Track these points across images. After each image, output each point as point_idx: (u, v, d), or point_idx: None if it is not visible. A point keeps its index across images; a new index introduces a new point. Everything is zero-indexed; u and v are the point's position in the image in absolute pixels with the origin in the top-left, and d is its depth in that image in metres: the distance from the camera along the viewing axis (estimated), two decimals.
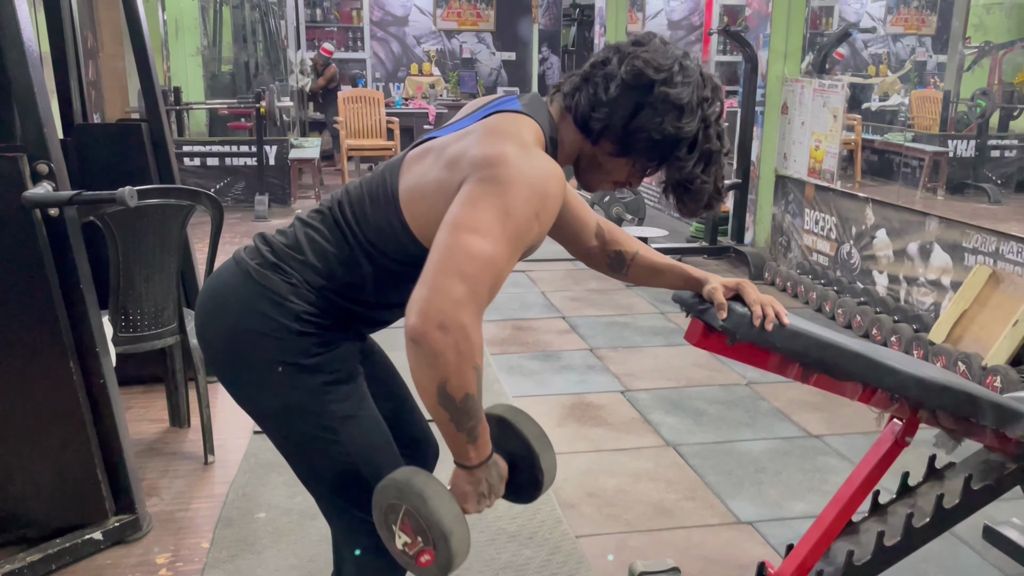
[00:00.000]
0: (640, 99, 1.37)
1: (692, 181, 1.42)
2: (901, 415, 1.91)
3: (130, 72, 7.59)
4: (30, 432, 2.29)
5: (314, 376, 1.43)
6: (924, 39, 10.47)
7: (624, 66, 1.38)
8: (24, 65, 2.15)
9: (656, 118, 1.37)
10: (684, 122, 1.37)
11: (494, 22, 10.99)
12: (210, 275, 1.54)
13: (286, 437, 1.51)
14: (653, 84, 1.36)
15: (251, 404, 1.51)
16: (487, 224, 1.25)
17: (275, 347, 1.41)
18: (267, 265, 1.44)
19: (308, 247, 1.45)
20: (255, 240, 1.52)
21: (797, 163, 5.29)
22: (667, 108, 1.36)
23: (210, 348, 1.50)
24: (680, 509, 2.65)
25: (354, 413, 1.47)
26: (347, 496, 1.50)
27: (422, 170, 1.41)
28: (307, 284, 1.43)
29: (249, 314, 1.42)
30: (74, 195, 2.04)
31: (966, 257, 3.91)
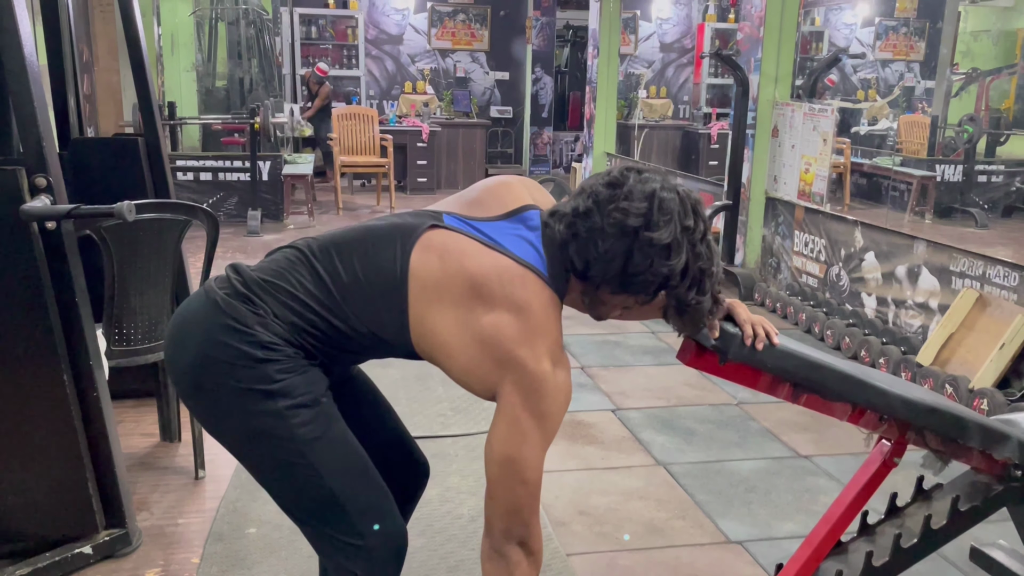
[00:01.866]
0: (628, 247, 1.42)
1: (688, 304, 1.48)
2: (889, 436, 1.93)
3: (125, 86, 7.62)
4: (21, 444, 2.29)
5: (277, 400, 1.43)
6: (912, 65, 10.62)
7: (606, 219, 1.42)
8: (24, 78, 2.17)
9: (645, 261, 1.42)
10: (672, 259, 1.43)
11: (488, 42, 11.08)
12: (181, 304, 1.56)
13: (257, 463, 1.52)
14: (636, 231, 1.41)
15: (220, 432, 1.52)
16: (536, 456, 1.44)
17: (239, 374, 1.42)
18: (236, 295, 1.45)
19: (285, 287, 1.46)
20: (226, 270, 1.53)
21: (787, 185, 5.35)
22: (654, 252, 1.42)
23: (177, 376, 1.51)
24: (670, 528, 2.66)
25: (321, 435, 1.47)
26: (325, 520, 1.51)
27: (439, 285, 1.44)
28: (275, 316, 1.44)
29: (213, 343, 1.43)
30: (72, 209, 2.05)
31: (953, 280, 3.96)
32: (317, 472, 1.46)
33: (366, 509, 1.50)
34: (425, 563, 2.42)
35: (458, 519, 2.68)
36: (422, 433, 3.22)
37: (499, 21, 11.07)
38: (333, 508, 1.48)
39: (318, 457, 1.46)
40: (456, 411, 3.52)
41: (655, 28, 11.52)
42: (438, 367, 1.50)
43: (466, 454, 3.14)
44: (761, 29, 5.41)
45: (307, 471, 1.46)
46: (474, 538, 2.57)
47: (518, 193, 1.58)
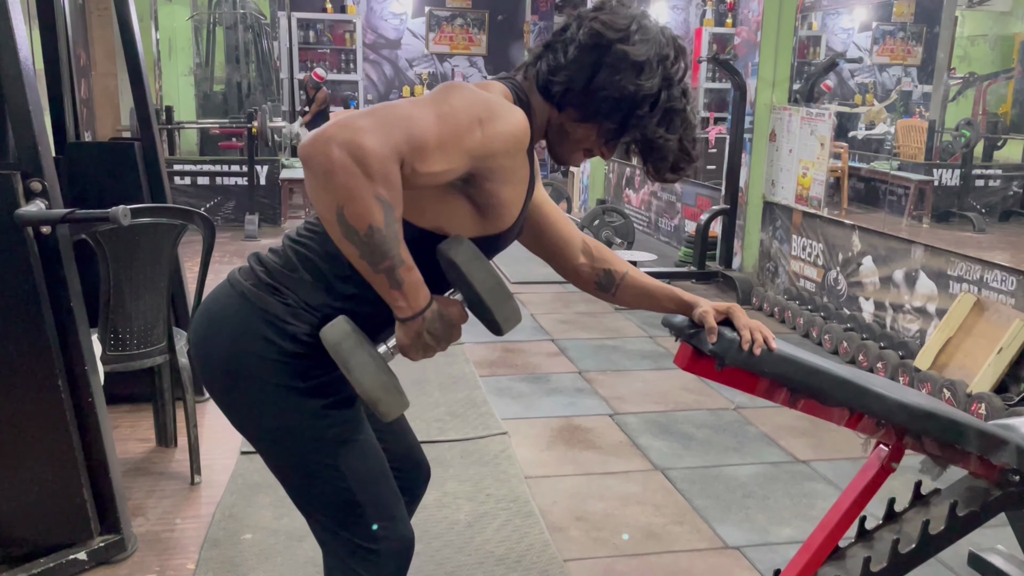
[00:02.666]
0: (598, 59, 1.37)
1: (654, 140, 1.41)
2: (887, 441, 1.93)
3: (122, 90, 7.63)
4: (16, 449, 2.28)
5: (312, 399, 1.42)
6: (910, 69, 10.65)
7: (582, 29, 1.38)
8: (20, 82, 2.16)
9: (615, 76, 1.36)
10: (643, 79, 1.37)
11: (486, 47, 11.09)
12: (206, 297, 1.53)
13: (282, 461, 1.50)
14: (611, 44, 1.36)
15: (248, 427, 1.50)
16: (419, 103, 1.24)
17: (273, 370, 1.40)
18: (263, 286, 1.43)
19: (304, 267, 1.43)
20: (249, 261, 1.51)
21: (785, 190, 5.35)
22: (625, 66, 1.36)
23: (207, 371, 1.49)
24: (668, 534, 2.66)
25: (352, 438, 1.46)
26: (341, 521, 1.49)
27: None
28: (305, 304, 1.41)
29: (246, 337, 1.41)
30: (68, 213, 2.05)
31: (951, 285, 3.96)
32: (342, 474, 1.45)
33: (383, 514, 1.50)
34: (422, 568, 2.41)
35: (455, 524, 2.67)
36: (419, 438, 3.20)
37: (497, 26, 11.09)
38: (352, 511, 1.47)
39: (345, 460, 1.45)
40: (453, 416, 3.52)
41: None
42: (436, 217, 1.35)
43: (463, 459, 3.13)
44: (759, 34, 5.42)
45: (332, 473, 1.44)
46: (471, 544, 2.56)
47: None
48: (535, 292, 5.69)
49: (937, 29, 9.21)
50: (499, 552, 2.53)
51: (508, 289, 1.38)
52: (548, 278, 6.08)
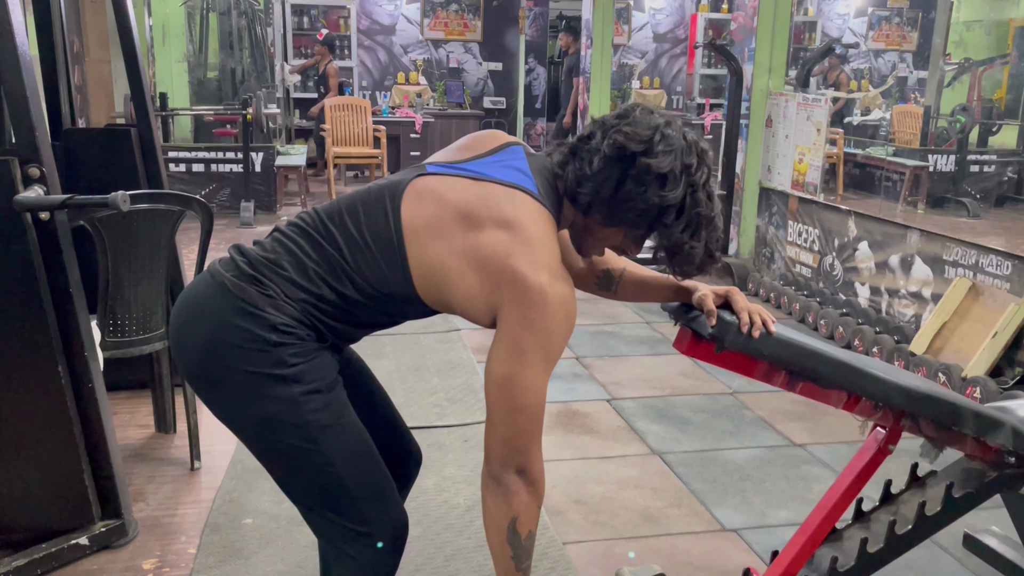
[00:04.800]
0: (623, 171, 1.42)
1: (681, 246, 1.46)
2: (884, 423, 1.94)
3: (116, 77, 7.58)
4: (17, 435, 2.28)
5: (291, 386, 1.42)
6: (905, 55, 10.64)
7: (606, 140, 1.43)
8: (17, 68, 2.15)
9: (640, 188, 1.41)
10: (667, 191, 1.41)
11: (481, 32, 11.04)
12: (186, 287, 1.54)
13: (267, 449, 1.51)
14: (635, 156, 1.41)
15: (230, 417, 1.51)
16: (537, 379, 1.40)
17: (252, 358, 1.41)
18: (243, 276, 1.44)
19: (289, 261, 1.45)
20: (230, 252, 1.52)
21: (781, 176, 5.36)
22: (649, 178, 1.41)
23: (186, 361, 1.50)
24: (666, 516, 2.68)
25: (334, 422, 1.47)
26: (332, 506, 1.50)
27: (430, 224, 1.43)
28: (285, 296, 1.43)
29: (224, 326, 1.42)
30: (66, 199, 2.05)
31: (947, 270, 3.98)
32: (328, 459, 1.46)
33: (372, 497, 1.51)
34: (422, 552, 2.43)
35: (454, 508, 2.69)
36: (418, 424, 3.22)
37: (492, 11, 11.04)
38: (341, 495, 1.48)
39: (330, 444, 1.46)
40: (451, 401, 3.53)
41: (648, 18, 11.50)
42: (450, 310, 1.48)
43: (461, 444, 3.14)
44: (755, 19, 5.41)
45: (318, 458, 1.46)
46: (471, 527, 2.58)
47: (505, 137, 1.60)
48: None
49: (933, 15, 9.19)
50: None
51: None
52: None
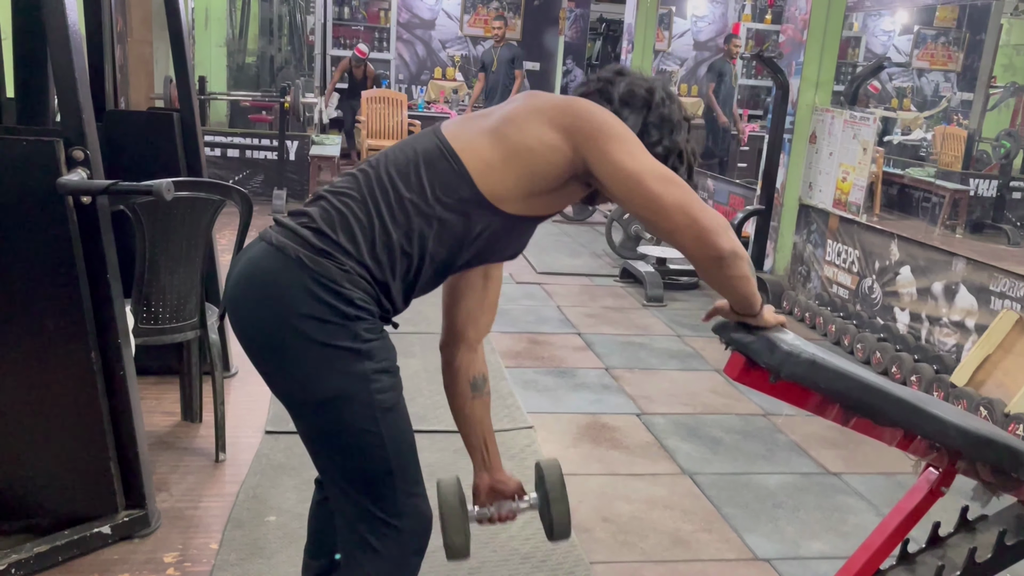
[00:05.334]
0: (643, 118, 1.58)
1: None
2: (938, 464, 1.87)
3: (156, 58, 7.59)
4: (46, 419, 2.26)
5: (364, 362, 1.43)
6: (950, 75, 10.46)
7: (623, 90, 1.58)
8: (67, 48, 2.12)
9: (658, 134, 1.58)
10: (677, 136, 1.60)
11: (520, 31, 10.99)
12: (244, 263, 1.49)
13: (324, 426, 1.49)
14: (650, 105, 1.58)
15: (296, 393, 1.48)
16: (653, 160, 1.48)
17: (330, 331, 1.41)
18: (316, 251, 1.42)
19: (357, 225, 1.44)
20: (290, 224, 1.47)
21: (822, 193, 5.25)
22: (665, 125, 1.59)
23: (258, 337, 1.47)
24: (696, 541, 2.61)
25: (394, 405, 1.49)
26: (370, 491, 1.50)
27: (480, 127, 1.52)
28: (359, 268, 1.43)
29: (305, 300, 1.40)
30: (110, 185, 2.01)
31: (992, 301, 3.87)
32: (383, 443, 1.47)
33: (410, 489, 1.52)
34: (446, 564, 2.37)
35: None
36: (444, 427, 3.17)
37: (532, 11, 10.98)
38: (384, 482, 1.49)
39: (387, 427, 1.47)
40: None
41: (690, 25, 11.39)
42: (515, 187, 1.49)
43: None
44: (805, 33, 5.31)
45: (374, 440, 1.46)
46: (496, 539, 2.52)
47: None
48: (561, 284, 5.63)
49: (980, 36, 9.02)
50: (524, 550, 2.49)
51: (570, 524, 1.77)
52: (574, 270, 6.02)
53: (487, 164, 1.47)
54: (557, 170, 1.48)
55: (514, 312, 4.81)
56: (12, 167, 2.10)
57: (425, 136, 1.55)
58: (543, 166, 1.47)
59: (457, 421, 1.84)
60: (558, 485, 1.77)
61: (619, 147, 1.44)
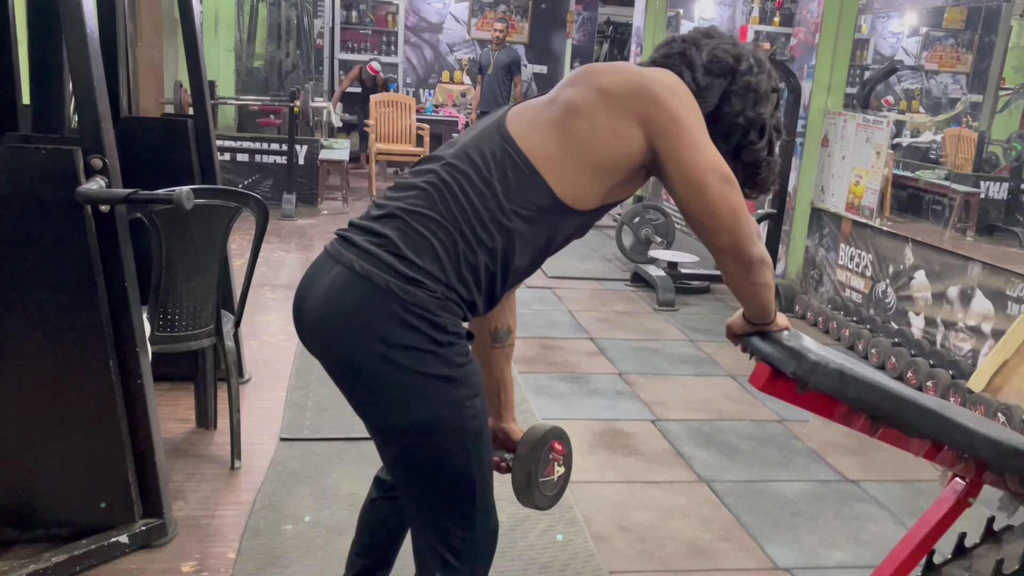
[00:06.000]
0: (726, 86, 1.50)
1: (761, 163, 1.56)
2: (965, 474, 1.84)
3: (167, 63, 7.60)
4: (63, 428, 2.25)
5: (458, 389, 1.42)
6: (959, 77, 10.42)
7: (706, 54, 1.50)
8: (85, 56, 2.12)
9: (740, 104, 1.50)
10: (761, 107, 1.52)
11: (528, 35, 10.98)
12: (324, 291, 1.43)
13: (418, 453, 1.47)
14: (735, 72, 1.50)
15: (390, 421, 1.46)
16: (711, 146, 1.42)
17: (426, 360, 1.39)
18: (406, 279, 1.38)
19: (439, 243, 1.40)
20: (370, 248, 1.41)
21: (835, 197, 5.23)
22: (749, 96, 1.51)
23: (349, 368, 1.44)
24: (715, 550, 2.59)
25: (483, 429, 1.48)
26: (451, 513, 1.49)
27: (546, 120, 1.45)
28: (450, 296, 1.40)
29: (398, 330, 1.37)
30: (130, 194, 2.00)
31: (1010, 306, 3.84)
32: (470, 467, 1.46)
33: (487, 506, 1.52)
34: None
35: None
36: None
37: (540, 14, 10.97)
38: (466, 503, 1.48)
39: (476, 452, 1.46)
40: None
41: None
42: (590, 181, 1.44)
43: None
44: (817, 36, 5.29)
45: (462, 463, 1.45)
46: (513, 548, 2.51)
47: None
48: (572, 288, 5.62)
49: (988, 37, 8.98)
50: (543, 559, 2.47)
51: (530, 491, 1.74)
52: (585, 274, 6.01)
53: (560, 165, 1.42)
54: (631, 160, 1.43)
55: (526, 317, 4.79)
56: (30, 176, 2.09)
57: (490, 134, 1.46)
58: (617, 158, 1.42)
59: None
60: (526, 445, 1.69)
61: (690, 142, 1.39)
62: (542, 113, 1.46)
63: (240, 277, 2.94)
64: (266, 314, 4.47)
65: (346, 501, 2.67)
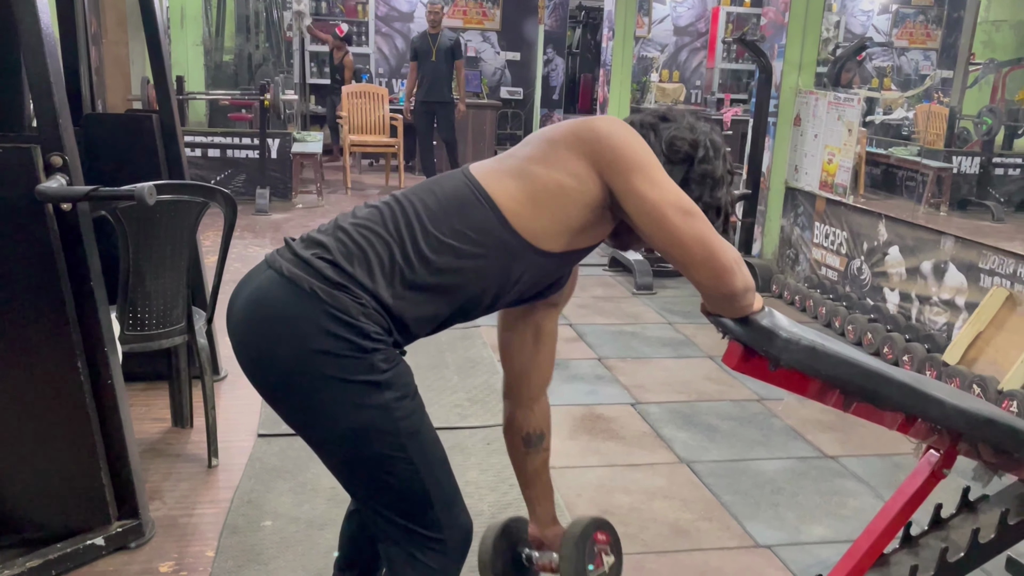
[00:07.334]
0: (684, 173, 1.54)
1: None
2: (939, 446, 1.86)
3: (133, 59, 7.49)
4: (34, 431, 2.21)
5: (384, 393, 1.40)
6: (929, 53, 10.48)
7: (665, 143, 1.53)
8: (41, 51, 2.07)
9: (698, 190, 1.53)
10: (718, 192, 1.56)
11: (500, 21, 10.91)
12: (251, 293, 1.44)
13: (352, 459, 1.46)
14: (693, 160, 1.54)
15: (317, 428, 1.45)
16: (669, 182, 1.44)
17: (347, 366, 1.37)
18: (332, 284, 1.37)
19: (374, 258, 1.40)
20: (304, 254, 1.41)
21: (808, 176, 5.25)
22: (706, 182, 1.55)
23: (271, 373, 1.42)
24: (697, 530, 2.59)
25: (419, 429, 1.46)
26: (409, 513, 1.49)
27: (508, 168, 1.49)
28: (375, 304, 1.38)
29: (318, 335, 1.36)
30: (91, 191, 1.96)
31: (982, 278, 3.87)
32: (414, 466, 1.45)
33: (448, 503, 1.51)
34: None
35: (479, 515, 2.60)
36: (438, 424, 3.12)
37: (511, 1, 10.91)
38: (422, 502, 1.48)
39: (416, 451, 1.45)
40: (472, 402, 3.45)
41: (669, 11, 11.35)
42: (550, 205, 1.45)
43: (484, 447, 3.06)
44: (786, 15, 5.29)
45: (404, 465, 1.44)
46: None
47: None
48: None
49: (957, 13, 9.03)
50: None
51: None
52: None
53: (519, 204, 1.44)
54: (590, 200, 1.45)
55: None
56: None
57: (453, 177, 1.51)
58: (575, 197, 1.44)
59: (515, 471, 1.87)
60: (569, 544, 1.73)
61: (643, 177, 1.41)
62: (502, 163, 1.51)
63: (213, 273, 2.90)
64: None
65: (326, 495, 2.65)
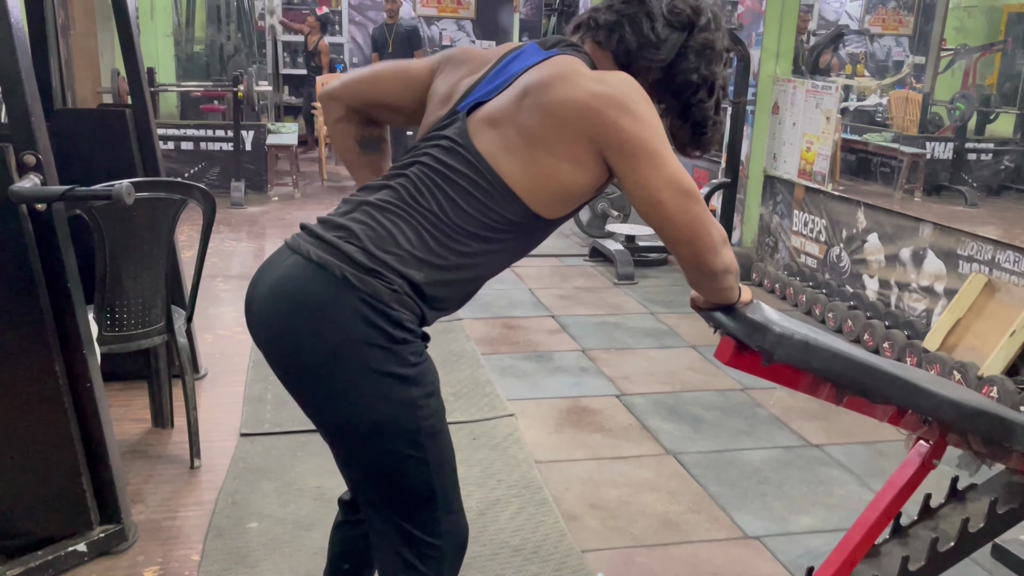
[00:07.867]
0: (683, 41, 1.46)
1: (708, 122, 1.52)
2: (930, 437, 1.86)
3: (102, 51, 7.35)
4: (12, 437, 2.16)
5: (411, 389, 1.37)
6: (901, 39, 10.55)
7: (667, 5, 1.45)
8: (11, 48, 2.01)
9: (696, 61, 1.46)
10: (714, 66, 1.48)
11: (474, 10, 10.84)
12: (277, 280, 1.39)
13: (369, 453, 1.42)
14: (694, 28, 1.45)
15: (340, 419, 1.41)
16: (677, 163, 1.38)
17: (379, 357, 1.33)
18: (364, 269, 1.34)
19: (406, 245, 1.36)
20: (330, 238, 1.37)
21: (787, 164, 5.26)
22: (705, 53, 1.47)
23: (299, 361, 1.38)
24: (685, 523, 2.59)
25: (440, 429, 1.43)
26: (412, 516, 1.45)
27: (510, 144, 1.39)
28: (408, 289, 1.36)
29: (352, 323, 1.32)
30: (67, 191, 1.91)
31: (961, 264, 3.90)
32: (427, 467, 1.42)
33: (450, 509, 1.48)
34: None
35: (467, 512, 2.59)
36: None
37: None
38: (427, 505, 1.44)
39: (432, 453, 1.42)
40: (457, 396, 3.43)
41: None
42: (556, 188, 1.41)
43: (470, 442, 3.04)
44: (763, 3, 5.29)
45: (419, 465, 1.41)
46: (484, 533, 2.49)
47: (510, 45, 1.56)
48: (531, 266, 5.59)
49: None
50: (514, 542, 2.46)
51: None
52: (544, 251, 5.97)
53: (529, 190, 1.40)
54: (592, 179, 1.42)
55: (487, 297, 4.75)
56: None
57: (457, 153, 1.41)
58: (584, 182, 1.41)
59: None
60: None
61: (647, 162, 1.36)
62: (504, 134, 1.40)
63: (190, 270, 2.85)
64: (219, 306, 4.36)
65: (311, 495, 2.62)
